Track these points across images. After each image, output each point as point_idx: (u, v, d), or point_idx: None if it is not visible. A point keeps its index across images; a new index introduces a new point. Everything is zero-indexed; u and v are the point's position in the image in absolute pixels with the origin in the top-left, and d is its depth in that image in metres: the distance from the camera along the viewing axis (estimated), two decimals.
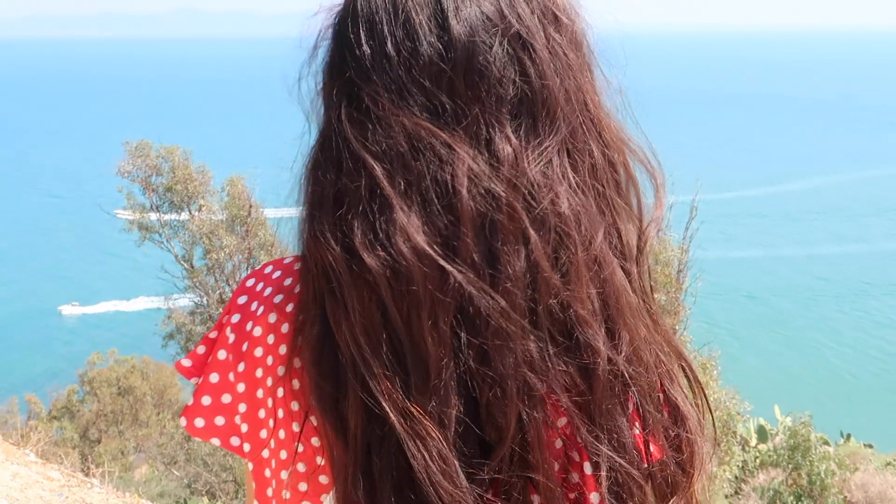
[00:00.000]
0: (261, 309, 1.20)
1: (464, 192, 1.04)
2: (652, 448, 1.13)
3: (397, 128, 1.07)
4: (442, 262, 1.03)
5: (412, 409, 1.03)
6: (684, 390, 1.17)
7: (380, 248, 1.04)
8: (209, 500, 18.25)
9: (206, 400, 1.22)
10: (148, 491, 15.93)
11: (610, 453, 1.08)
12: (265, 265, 1.25)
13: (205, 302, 20.11)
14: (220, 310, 19.92)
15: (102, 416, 29.55)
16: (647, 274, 1.17)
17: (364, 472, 1.07)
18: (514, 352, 1.03)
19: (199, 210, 19.76)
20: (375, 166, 1.06)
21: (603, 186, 1.12)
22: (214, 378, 1.21)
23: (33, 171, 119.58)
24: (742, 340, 45.82)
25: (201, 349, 1.26)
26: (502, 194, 1.05)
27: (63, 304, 65.17)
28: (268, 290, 1.21)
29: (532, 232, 1.05)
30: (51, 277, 72.53)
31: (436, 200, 1.05)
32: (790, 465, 15.93)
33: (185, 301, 21.05)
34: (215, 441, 1.24)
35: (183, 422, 1.23)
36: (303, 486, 1.17)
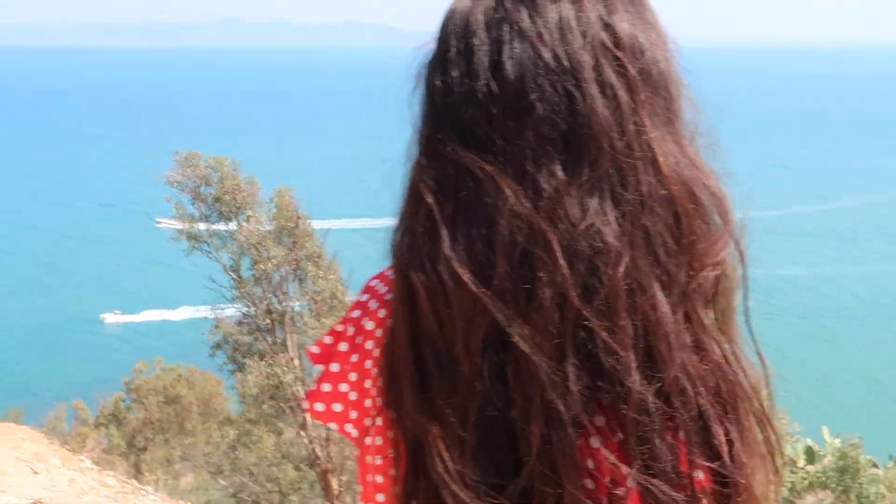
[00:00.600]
0: (375, 305, 1.33)
1: (502, 223, 1.10)
2: (700, 475, 1.13)
3: (450, 160, 1.16)
4: (474, 290, 1.10)
5: (428, 425, 1.13)
6: (742, 427, 1.17)
7: (424, 270, 1.14)
8: None
9: (326, 387, 1.34)
10: (196, 500, 16.10)
11: (643, 476, 1.10)
12: (390, 266, 1.31)
13: (252, 312, 20.22)
14: (267, 320, 20.07)
15: (149, 425, 29.81)
16: (700, 308, 1.17)
17: (407, 472, 1.19)
18: (538, 376, 1.08)
19: (248, 221, 19.88)
20: (428, 195, 1.16)
21: (651, 221, 1.13)
22: (335, 367, 1.34)
23: (81, 179, 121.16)
24: (791, 360, 45.26)
25: (328, 339, 1.37)
26: (538, 227, 1.10)
27: (106, 312, 65.76)
28: (384, 289, 1.34)
29: (563, 262, 1.09)
30: (95, 285, 73.44)
31: (477, 230, 1.12)
32: (839, 488, 15.70)
33: (232, 311, 21.24)
34: (332, 425, 1.36)
35: (306, 405, 1.39)
36: (379, 479, 1.29)
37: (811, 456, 19.60)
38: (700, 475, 1.13)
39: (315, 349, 1.37)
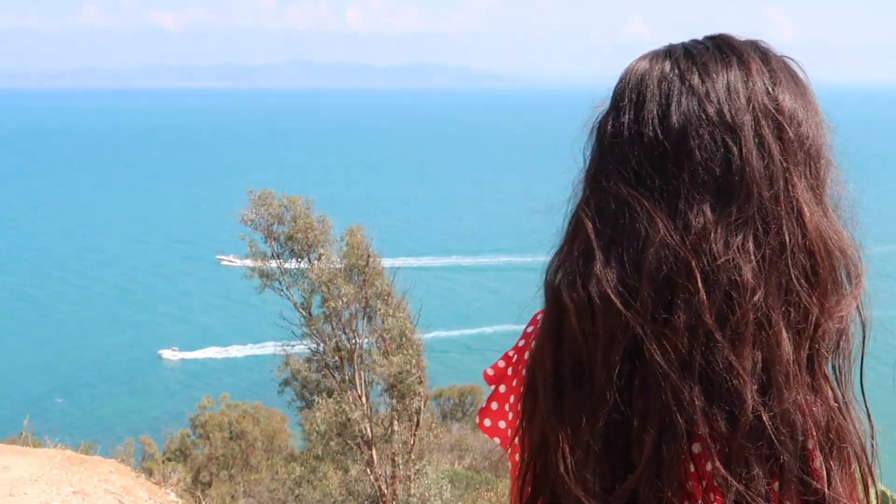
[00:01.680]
0: (535, 333, 1.45)
1: (651, 251, 1.24)
2: None
3: (612, 194, 1.30)
4: (620, 308, 1.23)
5: (558, 428, 1.28)
6: (845, 468, 1.26)
7: (576, 289, 1.28)
8: None
9: (494, 405, 1.52)
10: None
11: (737, 497, 1.20)
12: None
13: (321, 349, 20.35)
14: (336, 357, 20.17)
15: (214, 460, 29.91)
16: (822, 355, 1.28)
17: (529, 477, 1.36)
18: (665, 390, 1.21)
19: (319, 259, 20.07)
20: (588, 223, 1.31)
21: (787, 266, 1.24)
22: (503, 389, 1.52)
23: (153, 216, 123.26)
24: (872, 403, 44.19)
25: (501, 363, 1.56)
26: (683, 257, 1.23)
27: (164, 348, 66.49)
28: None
29: (702, 290, 1.21)
30: (153, 322, 74.35)
31: (628, 256, 1.26)
32: None
33: (293, 348, 21.43)
34: (496, 440, 1.53)
35: (477, 419, 1.55)
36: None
37: (885, 501, 19.13)
38: None
39: (490, 371, 1.55)
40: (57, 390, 57.39)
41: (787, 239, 1.25)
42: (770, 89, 1.31)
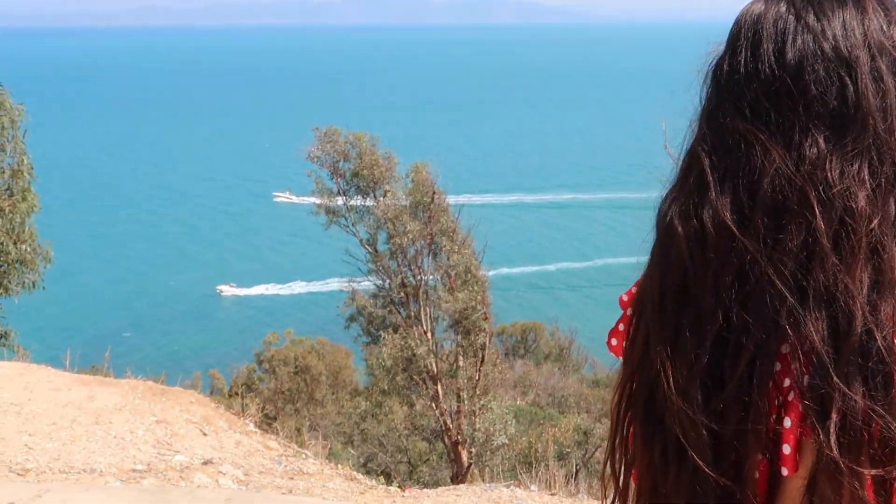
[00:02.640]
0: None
1: (766, 180, 1.28)
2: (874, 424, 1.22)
3: (730, 128, 1.34)
4: (735, 232, 1.28)
5: (663, 347, 1.34)
6: None
7: (688, 218, 1.33)
8: (384, 480, 18.53)
9: (621, 327, 1.57)
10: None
11: (829, 417, 1.21)
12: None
13: (387, 285, 20.49)
14: (402, 293, 20.31)
15: (280, 394, 30.42)
16: None
17: (629, 392, 1.45)
18: (770, 306, 1.25)
19: (385, 196, 20.12)
20: (704, 158, 1.35)
21: None
22: (629, 311, 1.54)
23: (212, 154, 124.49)
24: None
25: (634, 289, 1.56)
26: (798, 184, 1.27)
27: (222, 284, 67.35)
28: None
29: (818, 214, 1.25)
30: (211, 258, 75.40)
31: (742, 185, 1.31)
32: None
33: (341, 286, 21.61)
34: (620, 359, 1.55)
35: (607, 338, 1.60)
36: None
37: None
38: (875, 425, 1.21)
39: (624, 297, 1.58)
40: (125, 326, 58.71)
41: None
42: (885, 27, 1.35)
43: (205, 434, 7.62)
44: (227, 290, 67.00)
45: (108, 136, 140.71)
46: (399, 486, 8.29)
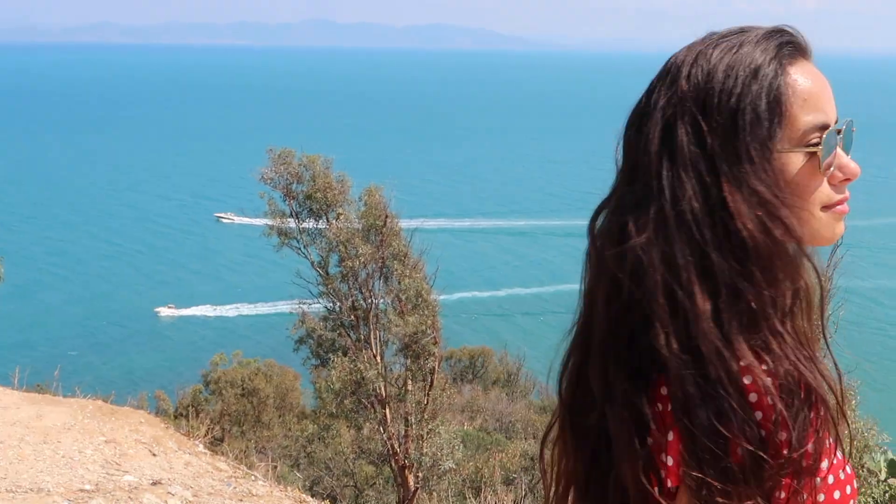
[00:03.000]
0: None
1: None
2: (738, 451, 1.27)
3: None
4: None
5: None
6: (807, 416, 1.28)
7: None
8: None
9: None
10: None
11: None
12: None
13: (337, 308, 20.47)
14: (352, 316, 20.30)
15: (226, 416, 30.11)
16: (774, 318, 1.32)
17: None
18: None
19: (337, 218, 20.14)
20: None
21: (702, 242, 1.31)
22: None
23: (168, 174, 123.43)
24: (887, 371, 43.92)
25: None
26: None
27: (160, 305, 66.58)
28: None
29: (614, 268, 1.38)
30: (150, 279, 74.64)
31: None
32: None
33: (288, 308, 21.56)
34: None
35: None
36: None
37: (893, 468, 19.18)
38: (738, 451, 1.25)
39: None
40: (74, 344, 57.82)
41: (702, 219, 1.33)
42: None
43: (154, 454, 7.61)
44: (166, 311, 66.09)
45: (64, 151, 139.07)
46: None
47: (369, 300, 20.10)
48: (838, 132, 1.39)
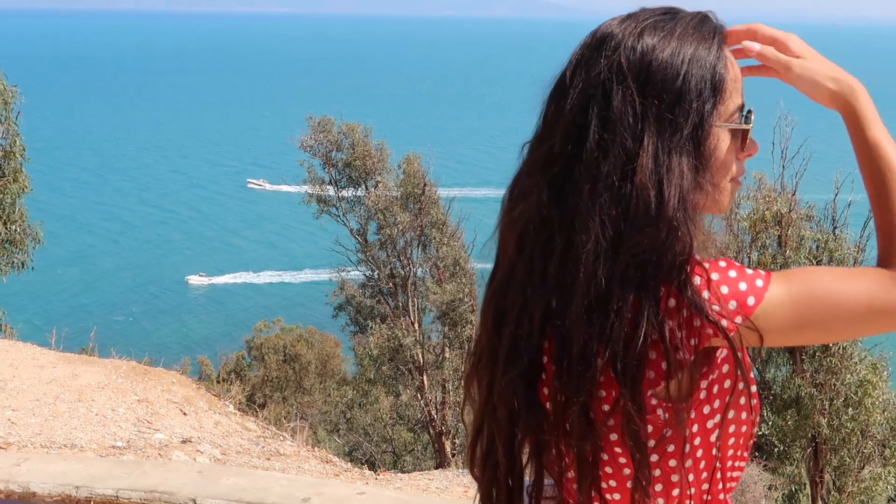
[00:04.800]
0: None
1: None
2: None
3: None
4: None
5: None
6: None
7: None
8: (368, 469, 18.59)
9: None
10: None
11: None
12: None
13: (376, 276, 20.58)
14: (390, 284, 20.41)
15: (268, 382, 30.44)
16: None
17: None
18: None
19: (376, 186, 20.21)
20: None
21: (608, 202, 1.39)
22: None
23: (204, 141, 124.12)
24: None
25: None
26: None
27: (191, 273, 66.99)
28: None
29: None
30: (200, 245, 75.12)
31: None
32: None
33: (314, 276, 21.59)
34: None
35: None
36: None
37: None
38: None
39: None
40: (113, 309, 58.52)
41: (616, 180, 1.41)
42: None
43: (185, 414, 7.76)
44: (196, 279, 66.16)
45: (100, 120, 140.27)
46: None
47: (407, 268, 20.18)
48: (749, 112, 1.49)
